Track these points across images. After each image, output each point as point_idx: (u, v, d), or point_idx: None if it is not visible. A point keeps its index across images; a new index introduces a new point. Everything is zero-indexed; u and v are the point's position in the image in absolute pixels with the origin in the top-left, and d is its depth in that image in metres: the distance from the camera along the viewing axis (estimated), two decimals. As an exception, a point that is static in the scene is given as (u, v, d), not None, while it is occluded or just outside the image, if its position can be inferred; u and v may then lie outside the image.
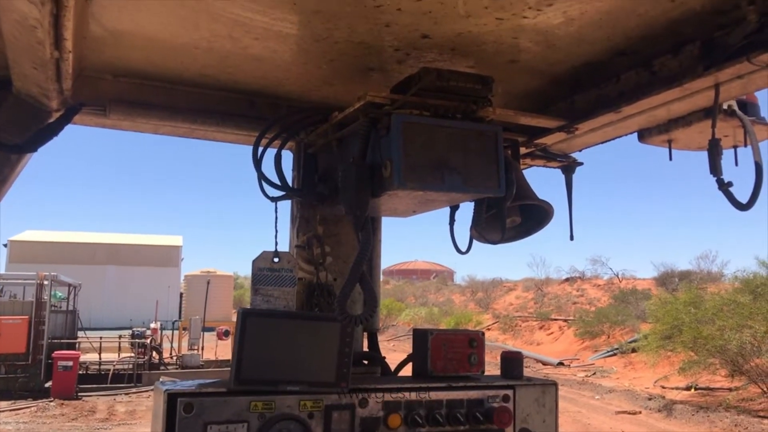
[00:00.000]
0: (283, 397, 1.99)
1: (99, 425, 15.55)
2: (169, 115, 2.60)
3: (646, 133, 2.58)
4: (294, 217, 2.80)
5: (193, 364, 22.61)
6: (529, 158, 2.93)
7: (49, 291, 21.02)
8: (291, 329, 2.02)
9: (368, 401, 2.11)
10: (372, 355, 2.75)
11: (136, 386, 20.58)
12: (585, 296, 39.96)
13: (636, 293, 32.58)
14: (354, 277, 1.98)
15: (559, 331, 33.74)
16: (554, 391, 2.42)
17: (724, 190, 2.11)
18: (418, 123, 2.04)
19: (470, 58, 2.25)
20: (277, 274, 2.34)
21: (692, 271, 36.15)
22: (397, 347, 29.82)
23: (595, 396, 19.75)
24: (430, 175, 2.00)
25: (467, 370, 2.38)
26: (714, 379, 18.60)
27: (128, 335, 23.30)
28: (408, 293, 60.20)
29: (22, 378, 19.64)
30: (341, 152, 2.40)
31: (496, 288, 51.32)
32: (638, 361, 23.21)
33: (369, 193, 2.08)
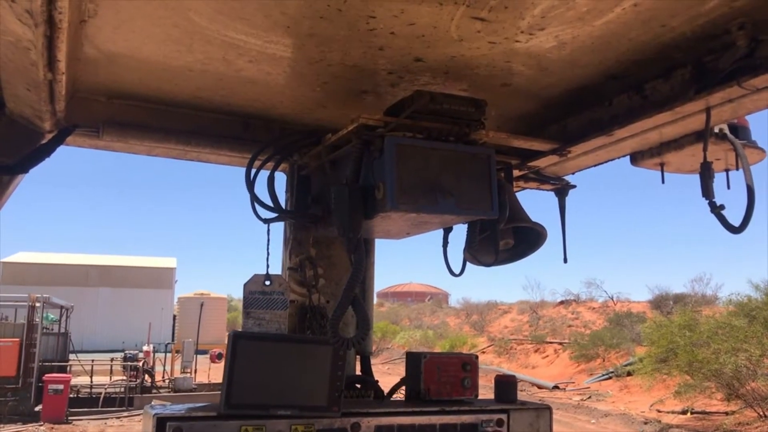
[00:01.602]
0: (275, 422, 1.97)
1: (89, 450, 15.32)
2: (163, 137, 2.59)
3: (639, 156, 2.59)
4: (287, 239, 2.79)
5: (185, 387, 22.37)
6: (522, 181, 2.93)
7: (41, 313, 20.83)
8: (282, 352, 2.00)
9: (361, 425, 2.09)
10: (365, 378, 2.73)
11: (127, 410, 20.31)
12: (580, 319, 39.83)
13: (631, 316, 32.49)
14: (346, 299, 1.97)
15: (555, 354, 33.58)
16: (548, 415, 2.40)
17: (717, 213, 2.11)
18: (412, 145, 2.04)
19: (463, 81, 2.26)
20: (269, 297, 2.33)
21: (687, 294, 36.09)
22: (392, 370, 29.60)
23: (590, 420, 19.60)
24: (423, 197, 2.00)
25: (461, 394, 2.35)
26: (710, 402, 18.49)
27: (120, 358, 23.05)
28: (403, 316, 59.93)
29: (12, 402, 19.37)
30: (334, 174, 2.40)
31: (491, 311, 51.14)
32: (634, 384, 23.08)
33: (362, 215, 2.08)
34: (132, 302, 48.49)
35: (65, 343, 24.38)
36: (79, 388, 21.28)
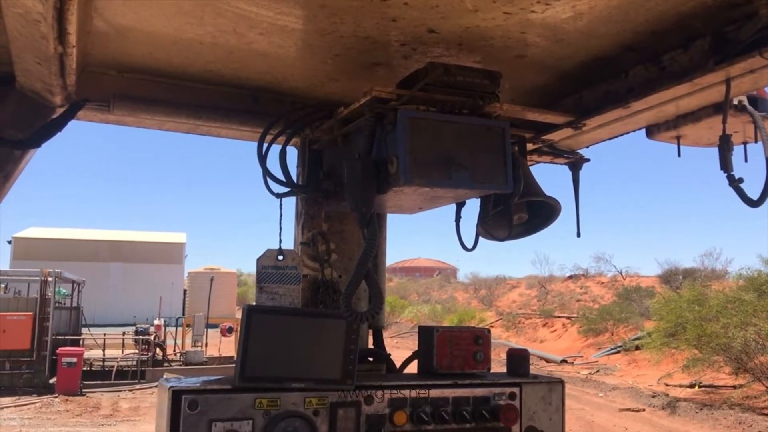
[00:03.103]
0: (288, 395, 1.98)
1: (103, 421, 15.59)
2: (174, 111, 2.58)
3: (655, 129, 2.55)
4: (299, 214, 2.78)
5: (196, 360, 22.64)
6: (536, 154, 2.91)
7: (53, 288, 21.07)
8: (296, 326, 2.01)
9: (374, 398, 2.10)
10: (377, 352, 2.74)
11: (139, 383, 20.62)
12: (589, 294, 39.92)
13: (640, 291, 32.54)
14: (359, 274, 1.96)
15: (563, 329, 33.71)
16: (561, 389, 2.41)
17: (735, 187, 2.09)
18: (425, 119, 2.02)
19: (477, 53, 2.23)
20: (282, 272, 2.33)
21: (696, 268, 36.08)
22: (401, 344, 29.82)
23: (598, 393, 19.72)
24: (437, 171, 1.98)
25: (473, 368, 2.36)
26: (718, 376, 18.56)
27: (132, 332, 23.33)
28: (411, 290, 60.21)
29: (27, 374, 19.71)
30: (346, 148, 2.38)
31: (500, 285, 51.29)
32: (642, 358, 23.17)
33: (375, 190, 2.06)
34: (142, 277, 48.90)
35: (77, 317, 24.70)
36: (92, 361, 21.60)
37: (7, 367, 19.74)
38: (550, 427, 2.35)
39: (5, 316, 19.86)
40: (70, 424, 15.30)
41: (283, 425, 1.95)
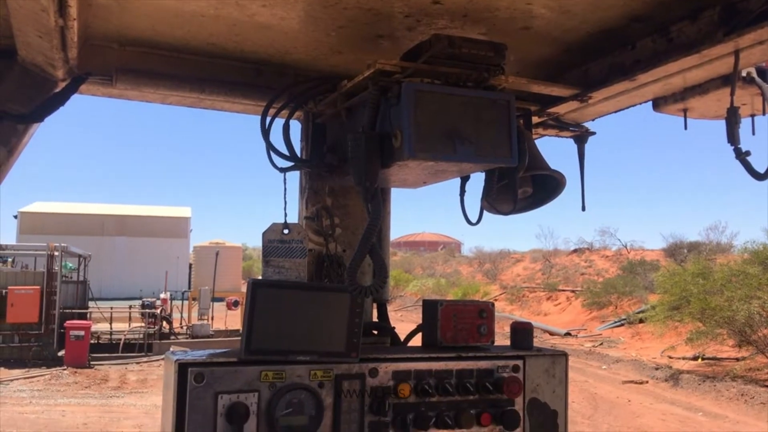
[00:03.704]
0: (294, 367, 1.99)
1: (112, 393, 15.80)
2: (177, 85, 2.57)
3: (661, 102, 2.53)
4: (303, 189, 2.78)
5: (203, 333, 22.86)
6: (541, 128, 2.89)
7: (59, 262, 21.21)
8: (301, 300, 2.01)
9: (378, 371, 2.11)
10: (382, 325, 2.75)
11: (146, 355, 20.86)
12: (593, 267, 39.97)
13: (644, 264, 32.55)
14: (364, 248, 1.96)
15: (567, 302, 33.84)
16: (564, 361, 2.42)
17: (742, 160, 2.07)
18: (429, 91, 2.00)
19: (482, 24, 2.20)
20: (288, 246, 2.33)
21: (701, 242, 36.04)
22: (405, 317, 30.01)
23: (602, 366, 19.86)
24: (441, 144, 1.97)
25: (477, 341, 2.37)
26: (721, 349, 18.65)
27: (138, 305, 23.53)
28: (415, 265, 60.39)
29: (36, 347, 19.95)
30: (350, 122, 2.37)
31: (504, 259, 51.38)
32: (645, 331, 23.29)
33: (379, 164, 2.05)
34: (148, 251, 49.14)
35: (84, 291, 24.89)
36: (100, 335, 21.83)
37: (16, 340, 19.97)
38: (553, 399, 2.36)
39: (13, 290, 20.04)
40: (79, 395, 15.52)
41: (289, 397, 1.97)
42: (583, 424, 12.63)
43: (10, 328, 19.93)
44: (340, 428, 2.03)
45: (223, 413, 1.88)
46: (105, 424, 12.63)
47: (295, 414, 1.97)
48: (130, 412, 13.72)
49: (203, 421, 1.87)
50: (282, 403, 1.95)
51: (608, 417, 13.45)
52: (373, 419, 2.08)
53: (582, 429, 12.24)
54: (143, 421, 12.83)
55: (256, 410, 1.92)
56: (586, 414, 13.59)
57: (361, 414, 2.06)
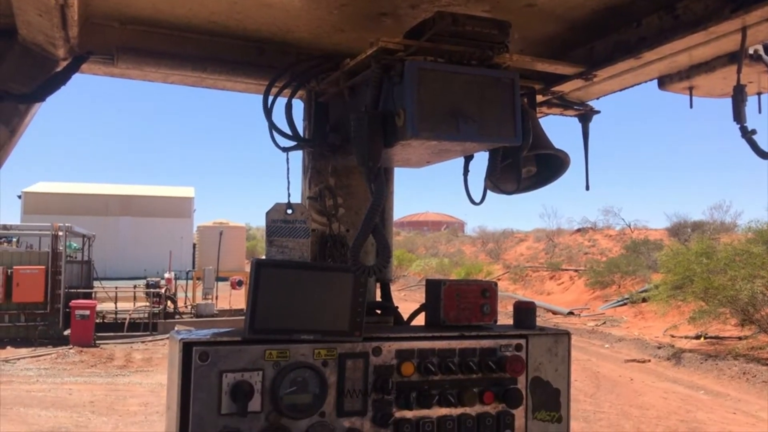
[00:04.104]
0: (298, 346, 2.00)
1: (117, 372, 15.95)
2: (178, 64, 2.55)
3: (667, 80, 2.51)
4: (306, 168, 2.77)
5: (207, 313, 23.00)
6: (545, 106, 2.87)
7: (64, 242, 21.29)
8: (305, 280, 2.02)
9: (381, 350, 2.12)
10: (385, 305, 2.76)
11: (152, 335, 21.01)
12: (596, 247, 39.99)
13: (648, 244, 32.56)
14: (367, 228, 1.96)
15: (570, 282, 33.91)
16: (567, 340, 2.42)
17: (748, 138, 2.05)
18: (433, 70, 1.98)
19: (486, 2, 2.17)
20: (291, 226, 2.33)
21: (705, 221, 36.00)
22: (408, 297, 30.13)
23: (604, 345, 19.95)
24: (445, 123, 1.96)
25: (480, 320, 2.38)
26: (724, 328, 18.71)
27: (143, 285, 23.65)
28: (419, 244, 60.49)
29: (42, 326, 20.11)
30: (353, 101, 2.35)
31: (507, 239, 51.42)
32: (648, 310, 23.35)
33: (381, 144, 2.04)
34: (152, 231, 49.24)
35: (89, 271, 25.03)
36: (105, 314, 21.99)
37: (22, 319, 20.13)
38: (555, 377, 2.37)
39: (18, 269, 20.16)
40: (85, 374, 15.66)
41: (293, 375, 1.98)
42: (585, 402, 12.73)
43: (16, 307, 20.08)
44: (344, 406, 2.04)
45: (227, 391, 1.90)
46: (111, 402, 12.76)
47: (299, 392, 1.98)
48: (136, 391, 13.86)
49: (208, 399, 1.88)
50: (286, 381, 1.97)
51: (610, 395, 13.55)
52: (377, 397, 2.10)
53: (584, 407, 12.33)
54: (149, 399, 12.96)
55: (261, 388, 1.94)
56: (589, 392, 13.68)
57: (364, 392, 2.08)
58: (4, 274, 20.01)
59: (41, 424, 11.02)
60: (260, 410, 1.94)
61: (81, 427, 10.96)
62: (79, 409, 12.20)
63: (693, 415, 11.92)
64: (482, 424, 2.21)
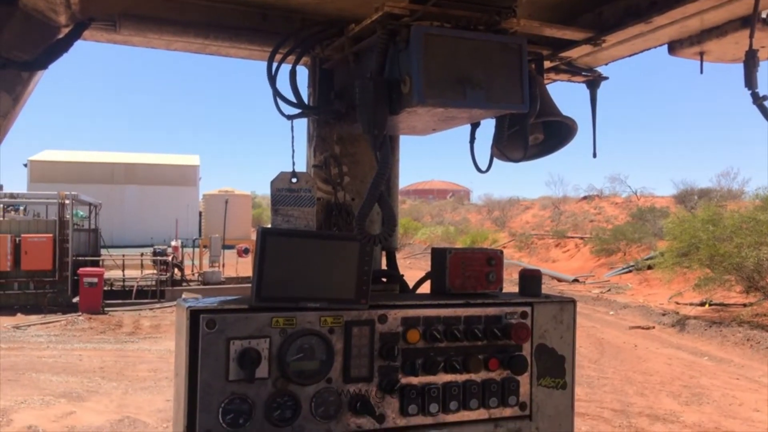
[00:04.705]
0: (304, 314, 2.01)
1: (126, 338, 16.15)
2: (181, 30, 2.52)
3: (677, 45, 2.46)
4: (310, 136, 2.75)
5: (214, 280, 23.17)
6: (553, 72, 2.83)
7: (70, 210, 21.37)
8: (311, 248, 2.02)
9: (387, 317, 2.13)
10: (390, 273, 2.77)
11: (159, 302, 21.22)
12: (602, 214, 39.95)
13: (654, 211, 32.50)
14: (372, 196, 1.95)
15: (575, 249, 33.96)
16: (572, 308, 2.43)
17: (759, 104, 2.02)
18: (439, 35, 1.95)
19: (494, -35, 2.13)
20: (296, 194, 2.32)
21: (712, 188, 35.85)
22: (413, 265, 30.25)
23: (609, 311, 20.05)
24: (451, 90, 1.93)
25: (485, 288, 2.38)
26: (729, 295, 18.76)
27: (150, 253, 23.80)
28: (424, 212, 60.53)
29: (51, 293, 20.32)
30: (358, 67, 2.33)
31: (513, 207, 51.40)
32: (653, 278, 23.40)
33: (387, 111, 2.02)
34: (158, 199, 49.37)
35: (96, 239, 25.17)
36: (112, 282, 22.18)
37: (31, 286, 20.33)
38: (560, 345, 2.39)
39: (27, 237, 20.29)
40: (94, 340, 15.87)
41: (300, 342, 1.99)
42: (589, 368, 12.84)
43: (25, 275, 20.27)
44: (350, 372, 2.06)
45: (235, 358, 1.91)
46: (121, 368, 12.95)
47: (306, 359, 2.00)
48: (145, 357, 14.05)
49: (216, 366, 1.90)
50: (293, 348, 1.98)
51: (614, 361, 13.66)
52: (383, 364, 2.11)
53: (588, 373, 12.44)
54: (157, 365, 13.14)
55: (268, 355, 1.95)
56: (593, 358, 13.80)
57: (370, 359, 2.09)
58: (12, 242, 20.16)
59: (53, 389, 11.21)
60: (267, 376, 1.96)
61: (92, 392, 11.14)
62: (89, 374, 12.39)
63: (696, 381, 12.02)
64: (487, 390, 2.23)
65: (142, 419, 9.68)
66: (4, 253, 19.96)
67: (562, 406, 2.37)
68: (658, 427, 9.46)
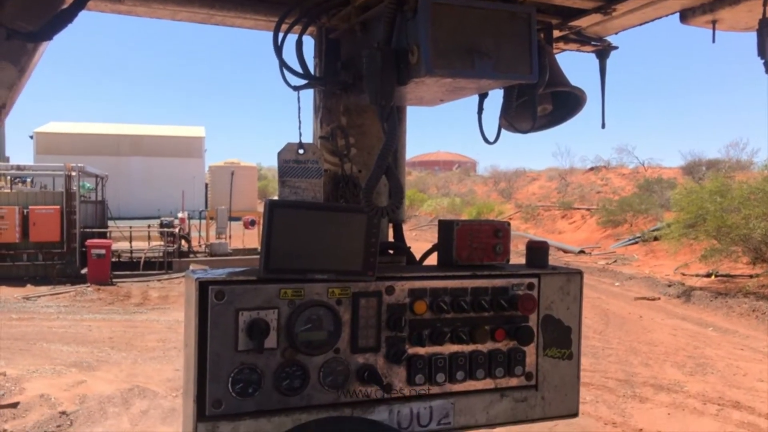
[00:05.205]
0: (312, 285, 2.02)
1: (135, 309, 16.31)
2: (186, 0, 2.49)
3: (689, 13, 2.42)
4: (317, 107, 2.73)
5: (221, 252, 23.30)
6: (562, 42, 2.79)
7: (77, 182, 21.43)
8: (318, 220, 2.02)
9: (394, 289, 2.14)
10: (397, 245, 2.77)
11: (167, 273, 21.38)
12: (609, 185, 39.79)
13: (661, 182, 32.36)
14: (380, 169, 1.95)
15: (582, 220, 33.91)
16: (579, 279, 2.43)
17: (771, 74, 2.00)
18: (448, 4, 1.92)
19: (503, -69, 2.09)
20: (303, 166, 2.32)
21: (721, 159, 35.60)
22: (419, 237, 30.29)
23: (615, 283, 20.09)
24: (460, 60, 1.91)
25: (492, 260, 2.38)
26: (735, 266, 18.74)
27: (157, 225, 23.90)
28: (430, 184, 60.39)
29: (59, 265, 20.49)
30: (365, 37, 2.30)
31: (519, 178, 51.21)
32: (660, 249, 23.39)
33: (394, 81, 2.00)
34: (163, 171, 49.42)
35: (103, 211, 25.30)
36: (120, 253, 22.33)
37: (40, 258, 20.50)
38: (567, 316, 2.40)
39: (34, 209, 20.40)
40: (103, 311, 16.04)
41: (308, 314, 2.01)
42: (594, 339, 12.91)
43: (33, 246, 20.42)
44: (358, 343, 2.08)
45: (244, 329, 1.93)
46: (130, 338, 13.10)
47: (314, 329, 2.02)
48: (154, 327, 14.20)
49: (225, 337, 1.92)
50: (301, 319, 2.00)
51: (619, 332, 13.73)
52: (390, 334, 2.13)
53: (593, 343, 12.52)
54: (166, 335, 13.29)
55: (276, 326, 1.97)
56: (598, 329, 13.87)
57: (378, 329, 2.11)
58: (20, 214, 20.28)
59: (63, 359, 11.37)
60: (276, 347, 1.98)
61: (102, 361, 11.30)
62: (98, 344, 12.55)
63: (701, 351, 12.08)
64: (493, 360, 2.25)
65: (151, 388, 9.82)
66: (13, 225, 20.10)
67: (568, 376, 2.39)
68: (662, 397, 9.54)
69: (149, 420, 8.64)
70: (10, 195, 21.29)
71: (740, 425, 8.48)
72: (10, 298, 17.36)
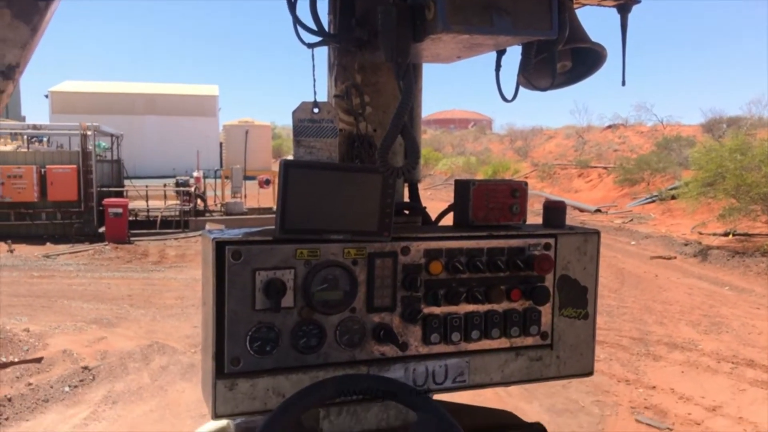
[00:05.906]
0: (328, 246, 2.02)
1: (152, 267, 16.54)
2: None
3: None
4: (331, 65, 2.69)
5: (237, 211, 23.45)
6: (582, -4, 2.71)
7: (93, 141, 21.53)
8: (333, 180, 2.01)
9: (410, 249, 2.13)
10: (413, 205, 2.75)
11: (183, 231, 21.60)
12: (627, 144, 39.28)
13: (680, 140, 31.86)
14: (395, 128, 1.92)
15: (598, 179, 33.62)
16: (597, 239, 2.41)
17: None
18: (465, -42, 1.86)
19: None
20: (318, 125, 2.29)
21: (742, 116, 34.92)
22: (434, 196, 30.24)
23: (631, 242, 20.02)
24: (477, 16, 1.86)
25: (509, 220, 2.36)
26: (754, 225, 18.56)
27: (173, 184, 24.04)
28: (445, 143, 59.95)
29: (77, 224, 20.76)
30: (380, -7, 2.24)
31: (536, 136, 50.68)
32: (677, 208, 23.19)
33: (410, 38, 1.95)
34: (178, 130, 49.47)
35: (119, 170, 25.46)
36: (137, 212, 22.55)
37: (58, 217, 20.77)
38: (584, 276, 2.38)
39: (51, 168, 20.58)
40: (122, 269, 16.29)
41: (324, 273, 2.01)
42: (609, 298, 12.94)
43: (52, 205, 20.68)
44: (373, 302, 2.08)
45: (261, 288, 1.94)
46: (148, 295, 13.32)
47: (330, 289, 2.02)
48: (171, 285, 14.41)
49: (242, 296, 1.93)
50: (318, 279, 2.00)
51: (634, 291, 13.73)
52: (405, 294, 2.13)
53: (608, 302, 12.54)
54: (184, 293, 13.49)
55: (293, 286, 1.98)
56: (613, 288, 13.88)
57: (393, 289, 2.11)
58: (38, 173, 20.47)
59: (84, 315, 11.60)
60: (293, 306, 1.99)
61: (121, 318, 11.52)
62: (118, 301, 12.78)
63: (716, 310, 12.08)
64: (509, 320, 2.25)
65: (170, 345, 10.02)
66: (31, 184, 20.32)
67: (584, 336, 2.39)
68: (676, 355, 9.58)
69: (169, 375, 8.84)
70: (27, 154, 21.46)
71: (754, 383, 8.51)
72: (31, 256, 17.67)
